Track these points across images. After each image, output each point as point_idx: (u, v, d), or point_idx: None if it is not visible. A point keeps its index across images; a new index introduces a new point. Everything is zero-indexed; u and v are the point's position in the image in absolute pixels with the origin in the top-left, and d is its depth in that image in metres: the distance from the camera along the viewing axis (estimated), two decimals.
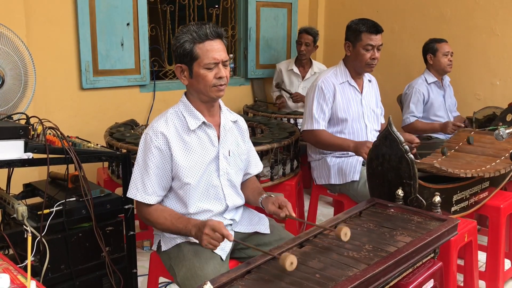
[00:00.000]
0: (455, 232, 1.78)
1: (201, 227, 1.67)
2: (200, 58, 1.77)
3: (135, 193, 1.82)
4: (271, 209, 1.84)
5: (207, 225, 1.65)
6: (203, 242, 1.66)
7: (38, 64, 3.35)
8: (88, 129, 3.64)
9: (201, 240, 1.67)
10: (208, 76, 1.78)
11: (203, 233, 1.65)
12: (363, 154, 2.45)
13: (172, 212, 1.83)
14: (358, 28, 2.69)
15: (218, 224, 1.65)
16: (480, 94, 4.14)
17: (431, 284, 1.70)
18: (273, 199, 1.86)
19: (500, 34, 3.97)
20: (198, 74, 1.79)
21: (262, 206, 1.92)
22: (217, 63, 1.78)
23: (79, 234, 2.05)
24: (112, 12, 3.65)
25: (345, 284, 1.30)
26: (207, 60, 1.77)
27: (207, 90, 1.81)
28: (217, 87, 1.81)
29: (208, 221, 1.66)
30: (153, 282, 2.08)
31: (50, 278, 1.97)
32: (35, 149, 1.92)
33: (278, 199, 1.85)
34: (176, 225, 1.77)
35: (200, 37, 1.77)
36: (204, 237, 1.64)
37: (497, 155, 2.56)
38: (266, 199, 1.90)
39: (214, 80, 1.79)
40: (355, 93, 2.79)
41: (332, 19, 5.12)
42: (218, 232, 1.63)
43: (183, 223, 1.76)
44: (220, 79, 1.80)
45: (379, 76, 4.37)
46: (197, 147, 1.84)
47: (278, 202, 1.83)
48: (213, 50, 1.78)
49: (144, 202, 1.81)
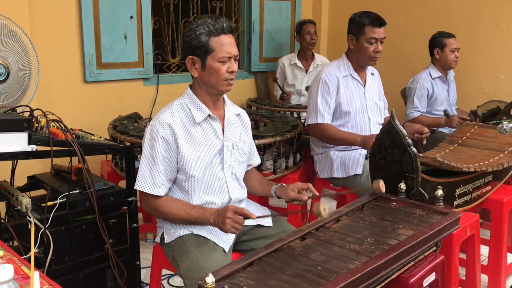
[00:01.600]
0: (457, 225, 1.78)
1: (221, 213, 1.71)
2: (216, 51, 1.78)
3: (144, 185, 1.82)
4: (292, 196, 1.88)
5: (228, 209, 1.69)
6: (227, 226, 1.69)
7: (41, 57, 3.36)
8: (91, 122, 3.65)
9: (223, 225, 1.69)
10: (222, 70, 1.80)
11: (225, 217, 1.68)
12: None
13: (184, 203, 1.85)
14: (361, 21, 2.68)
15: (238, 207, 1.72)
16: (484, 88, 4.12)
17: (433, 278, 1.70)
18: (292, 186, 1.90)
19: (506, 28, 3.94)
20: (212, 67, 1.80)
21: (277, 195, 1.95)
22: (230, 57, 1.81)
23: (83, 226, 2.07)
24: (116, 4, 3.65)
25: (347, 277, 1.31)
26: (222, 53, 1.78)
27: (218, 84, 1.82)
28: (228, 81, 1.83)
29: (228, 206, 1.72)
30: (156, 274, 2.09)
31: (54, 270, 1.99)
32: (39, 142, 1.93)
33: (296, 185, 1.90)
34: (192, 215, 1.79)
35: (217, 30, 1.78)
36: (227, 221, 1.68)
37: (501, 149, 2.56)
38: (282, 188, 1.94)
39: (226, 74, 1.81)
40: (358, 86, 2.79)
41: (336, 12, 5.10)
42: (239, 214, 1.68)
43: (199, 212, 1.78)
44: (231, 73, 1.82)
45: (383, 69, 4.37)
46: (203, 139, 1.85)
47: (298, 187, 1.88)
48: (228, 44, 1.80)
49: (153, 194, 1.82)
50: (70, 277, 2.04)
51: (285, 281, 1.33)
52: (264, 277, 1.35)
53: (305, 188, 1.87)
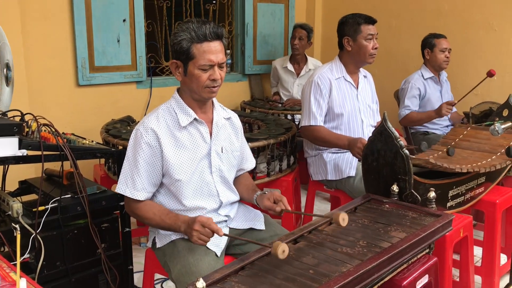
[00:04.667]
0: (449, 227, 1.78)
1: (190, 223, 1.69)
2: (196, 58, 1.76)
3: (124, 189, 1.82)
4: (266, 205, 1.84)
5: (196, 221, 1.67)
6: (193, 238, 1.68)
7: (34, 61, 3.38)
8: (84, 125, 3.63)
9: (191, 236, 1.69)
10: (202, 77, 1.78)
11: (192, 229, 1.67)
12: (356, 155, 2.44)
13: (161, 208, 1.84)
14: (356, 21, 2.69)
15: (207, 219, 1.67)
16: (477, 89, 4.12)
17: (426, 280, 1.70)
18: (268, 194, 1.87)
19: (498, 29, 3.96)
20: (192, 74, 1.78)
21: (257, 203, 1.93)
22: (212, 65, 1.77)
23: (75, 231, 2.05)
24: (108, 8, 3.64)
25: (339, 280, 1.30)
26: (202, 61, 1.76)
27: (199, 90, 1.81)
28: (210, 88, 1.80)
29: (198, 217, 1.68)
30: (149, 279, 2.08)
31: (46, 275, 1.96)
32: (30, 146, 1.91)
33: (272, 194, 1.86)
34: (165, 221, 1.78)
35: (198, 37, 1.75)
36: (194, 233, 1.67)
37: (493, 151, 2.56)
38: (261, 196, 1.91)
39: (207, 81, 1.79)
40: (351, 88, 2.79)
41: (329, 15, 5.11)
42: (207, 228, 1.65)
43: (172, 219, 1.77)
44: (213, 81, 1.79)
45: (376, 71, 4.38)
46: (189, 143, 1.84)
47: (274, 198, 1.84)
48: (210, 52, 1.76)
49: (132, 197, 1.81)
50: (62, 282, 2.02)
51: (276, 285, 1.32)
52: (256, 281, 1.35)
53: (279, 200, 1.83)
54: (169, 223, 1.78)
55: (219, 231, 1.64)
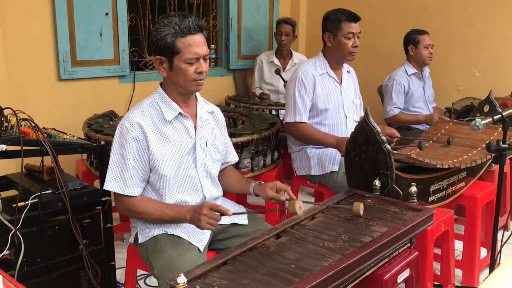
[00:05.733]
0: (430, 222, 1.80)
1: (197, 209, 1.71)
2: (182, 52, 1.75)
3: (114, 186, 1.79)
4: (270, 194, 1.87)
5: (204, 206, 1.70)
6: (202, 223, 1.68)
7: (14, 55, 3.32)
8: (66, 120, 3.58)
9: (199, 221, 1.69)
10: (189, 71, 1.77)
11: (201, 214, 1.68)
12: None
13: (159, 202, 1.83)
14: (337, 18, 2.69)
15: (213, 203, 1.73)
16: (460, 85, 4.18)
17: (407, 274, 1.72)
18: (271, 184, 1.90)
19: (480, 26, 4.00)
20: (179, 68, 1.77)
21: (255, 193, 1.94)
22: (198, 58, 1.77)
23: (55, 227, 2.03)
24: (91, 1, 3.59)
25: (320, 275, 1.31)
26: (188, 55, 1.75)
27: (186, 84, 1.80)
28: (197, 81, 1.80)
29: (205, 203, 1.72)
30: (131, 275, 2.06)
31: (26, 272, 1.95)
32: (9, 141, 1.88)
33: (276, 184, 1.89)
34: (167, 213, 1.77)
35: (182, 31, 1.73)
36: (203, 217, 1.68)
37: (474, 146, 2.59)
38: (260, 186, 1.93)
39: (194, 74, 1.78)
40: (334, 84, 2.79)
41: (313, 10, 5.11)
42: (216, 210, 1.68)
43: (175, 210, 1.77)
44: (200, 73, 1.79)
45: (360, 67, 4.40)
46: (174, 138, 1.83)
47: (277, 187, 1.88)
48: (195, 45, 1.75)
49: (125, 194, 1.79)
50: (43, 279, 2.00)
51: (258, 280, 1.32)
52: (238, 276, 1.35)
53: (283, 189, 1.87)
54: (172, 214, 1.76)
55: (228, 211, 1.69)
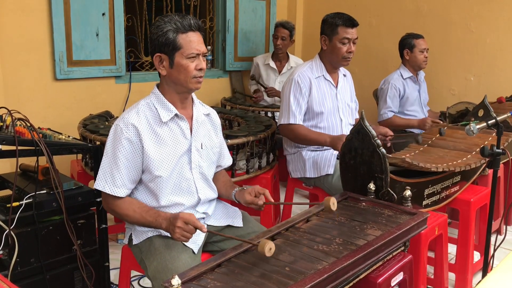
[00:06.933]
0: (424, 225, 1.81)
1: (172, 220, 1.67)
2: (183, 48, 1.77)
3: (103, 185, 1.79)
4: (248, 200, 1.86)
5: (179, 217, 1.65)
6: (176, 235, 1.66)
7: (10, 54, 3.30)
8: (62, 120, 3.58)
9: (173, 233, 1.67)
10: (190, 67, 1.78)
11: (175, 226, 1.65)
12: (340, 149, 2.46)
13: (141, 205, 1.82)
14: (334, 22, 2.69)
15: (189, 216, 1.66)
16: (455, 89, 4.21)
17: (401, 277, 1.72)
18: (249, 189, 1.88)
19: (475, 31, 4.03)
20: (180, 64, 1.78)
21: (236, 199, 1.93)
22: (198, 54, 1.79)
23: (50, 227, 2.02)
24: (87, 1, 3.58)
25: (314, 277, 1.31)
26: (190, 50, 1.77)
27: (187, 81, 1.80)
28: (197, 78, 1.81)
29: (180, 214, 1.67)
30: (125, 276, 2.06)
31: (20, 272, 1.94)
32: (4, 141, 1.88)
33: (254, 188, 1.88)
34: (146, 218, 1.76)
35: (184, 27, 1.77)
36: (177, 230, 1.65)
37: (469, 150, 2.61)
38: (240, 192, 1.92)
39: (195, 71, 1.79)
40: (330, 87, 2.80)
41: (310, 12, 5.13)
42: (190, 224, 1.64)
43: (153, 216, 1.75)
44: (200, 70, 1.80)
45: (356, 70, 4.42)
46: (169, 139, 1.83)
47: (255, 192, 1.86)
48: (196, 42, 1.78)
49: (112, 194, 1.79)
50: (37, 279, 1.99)
51: (252, 282, 1.32)
52: (232, 278, 1.35)
53: (261, 192, 1.86)
54: (150, 220, 1.76)
55: (203, 227, 1.65)
